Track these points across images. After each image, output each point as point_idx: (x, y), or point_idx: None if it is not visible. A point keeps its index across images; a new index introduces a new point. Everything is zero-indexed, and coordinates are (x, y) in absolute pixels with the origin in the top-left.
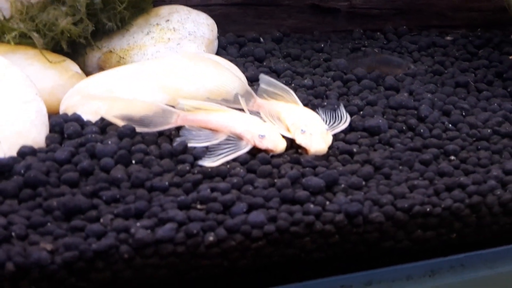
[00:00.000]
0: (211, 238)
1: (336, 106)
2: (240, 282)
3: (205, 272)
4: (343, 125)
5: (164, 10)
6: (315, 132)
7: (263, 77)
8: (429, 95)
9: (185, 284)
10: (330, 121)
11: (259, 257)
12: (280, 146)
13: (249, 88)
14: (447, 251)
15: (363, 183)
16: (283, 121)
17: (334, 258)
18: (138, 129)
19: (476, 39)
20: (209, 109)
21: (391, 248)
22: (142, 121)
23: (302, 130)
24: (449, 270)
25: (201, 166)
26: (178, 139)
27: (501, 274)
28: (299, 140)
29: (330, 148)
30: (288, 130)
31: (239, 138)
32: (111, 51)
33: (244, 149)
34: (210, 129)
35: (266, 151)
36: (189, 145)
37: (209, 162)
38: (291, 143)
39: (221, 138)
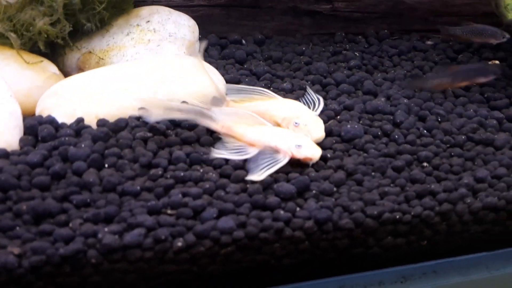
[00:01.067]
0: (179, 244)
1: (305, 92)
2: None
3: (174, 278)
4: (321, 106)
5: (145, 10)
6: (309, 121)
7: (229, 86)
8: (405, 100)
9: None
10: (309, 107)
11: (229, 263)
12: (317, 153)
13: (222, 92)
14: (418, 258)
15: (335, 189)
16: (269, 118)
17: (304, 264)
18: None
19: (456, 43)
20: (243, 121)
21: (362, 255)
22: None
23: (295, 123)
24: (421, 277)
25: (251, 181)
26: (215, 152)
27: (473, 281)
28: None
29: None
30: (278, 125)
31: (275, 151)
32: (90, 52)
33: (283, 160)
34: (244, 142)
35: (304, 160)
36: (225, 157)
37: (255, 176)
38: None
39: (254, 152)
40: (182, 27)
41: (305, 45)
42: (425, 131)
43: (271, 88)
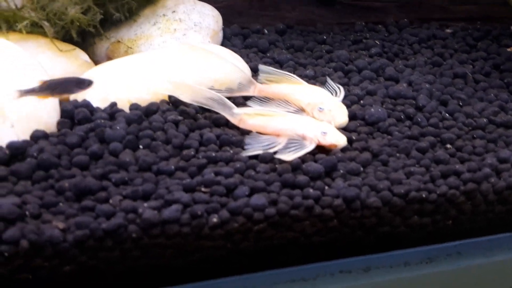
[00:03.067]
0: (214, 220)
1: (324, 80)
2: (242, 264)
3: (210, 254)
4: (342, 93)
5: (171, 1)
6: (333, 107)
7: (262, 67)
8: (427, 85)
9: (191, 265)
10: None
11: (261, 240)
12: (342, 140)
13: (248, 75)
14: (443, 238)
15: (361, 169)
16: (294, 102)
17: (333, 242)
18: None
19: (475, 31)
20: (265, 114)
21: (388, 234)
22: (212, 106)
23: (320, 108)
24: (446, 258)
25: (280, 160)
26: (247, 151)
27: (496, 262)
28: (320, 118)
29: None
30: (304, 110)
31: (302, 138)
32: (119, 41)
33: (310, 146)
34: (269, 134)
35: (329, 147)
36: (256, 152)
37: (285, 156)
38: None
39: (283, 141)
40: (207, 17)
41: (326, 34)
42: (447, 114)
43: (295, 75)
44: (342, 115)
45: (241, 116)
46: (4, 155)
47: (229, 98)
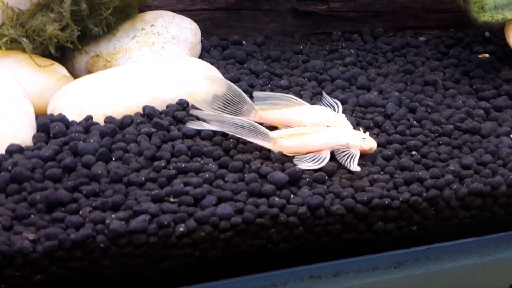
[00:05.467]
0: (181, 229)
1: (321, 97)
2: (211, 271)
3: (178, 262)
4: (340, 108)
5: (149, 15)
6: (338, 123)
7: (256, 93)
8: (396, 93)
9: (160, 273)
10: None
11: (228, 247)
12: (375, 143)
13: (249, 100)
14: (410, 243)
15: (326, 177)
16: (297, 124)
17: (300, 248)
18: (239, 136)
19: (448, 39)
20: (301, 134)
21: (354, 240)
22: (241, 134)
23: (327, 126)
24: (414, 262)
25: (351, 175)
26: (292, 167)
27: (464, 266)
28: None
29: None
30: None
31: (346, 147)
32: (98, 55)
33: (357, 153)
34: (310, 151)
35: (369, 151)
36: (311, 168)
37: (354, 168)
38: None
39: (327, 155)
40: (185, 30)
41: (303, 44)
42: (415, 121)
43: (269, 85)
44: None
45: (275, 140)
46: None
47: None
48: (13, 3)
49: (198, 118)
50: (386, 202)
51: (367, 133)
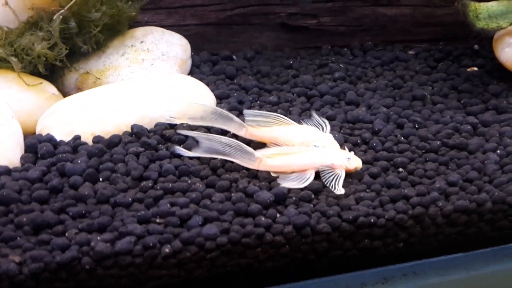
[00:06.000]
0: (166, 250)
1: (310, 115)
2: None
3: (164, 282)
4: (328, 128)
5: (139, 31)
6: (326, 143)
7: (246, 111)
8: (384, 109)
9: None
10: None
11: (215, 267)
12: (360, 163)
13: (237, 119)
14: (398, 260)
15: (313, 196)
16: (285, 142)
17: (287, 267)
18: (226, 158)
19: (437, 52)
20: (286, 153)
21: (341, 257)
22: (227, 153)
23: (315, 146)
24: (402, 278)
25: (337, 195)
26: (278, 186)
27: (452, 282)
28: None
29: None
30: None
31: (331, 167)
32: (87, 72)
33: (342, 173)
34: (295, 171)
35: (354, 170)
36: (292, 187)
37: (338, 191)
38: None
39: (311, 175)
40: (175, 46)
41: (293, 59)
42: (402, 137)
43: (258, 102)
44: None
45: (260, 159)
46: None
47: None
48: (2, 21)
49: (185, 138)
50: (372, 220)
51: (352, 152)
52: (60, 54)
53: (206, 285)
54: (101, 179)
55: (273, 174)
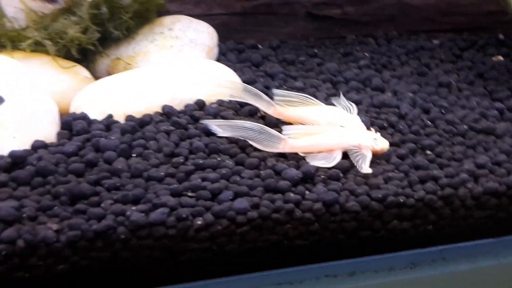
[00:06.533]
0: (199, 222)
1: (337, 98)
2: (228, 266)
3: (197, 255)
4: (355, 110)
5: (168, 19)
6: (353, 124)
7: (276, 91)
8: (411, 94)
9: (178, 267)
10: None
11: (245, 242)
12: (387, 144)
13: (267, 98)
14: (426, 243)
15: (341, 175)
16: (312, 122)
17: (316, 245)
18: (251, 143)
19: (462, 42)
20: (313, 133)
21: (370, 238)
22: (252, 138)
23: (340, 126)
24: (430, 263)
25: (365, 174)
26: (306, 165)
27: (480, 268)
28: None
29: None
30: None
31: (358, 148)
32: (118, 58)
33: (369, 153)
34: (322, 151)
35: (380, 151)
36: (324, 166)
37: (365, 170)
38: None
39: (338, 155)
40: (202, 33)
41: (318, 48)
42: (429, 122)
43: (284, 87)
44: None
45: (285, 141)
46: (5, 163)
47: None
48: (37, 7)
49: (213, 118)
50: (401, 200)
51: (379, 133)
52: (93, 38)
53: (236, 259)
54: (134, 155)
55: (300, 154)
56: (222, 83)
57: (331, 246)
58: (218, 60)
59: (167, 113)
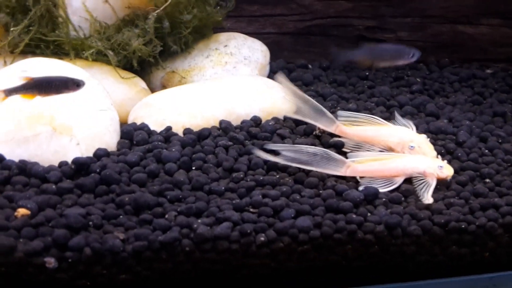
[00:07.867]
0: (262, 238)
1: (393, 120)
2: (284, 283)
3: (255, 271)
4: (414, 129)
5: (223, 36)
6: (421, 143)
7: (340, 112)
8: (467, 122)
9: (236, 282)
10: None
11: (304, 261)
12: (452, 171)
13: (330, 114)
14: (480, 270)
15: (403, 198)
16: (381, 143)
17: (373, 268)
18: (309, 168)
19: None
20: (378, 159)
21: (427, 263)
22: (310, 162)
23: (411, 146)
24: None
25: (425, 203)
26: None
27: None
28: None
29: None
30: (392, 149)
31: (423, 175)
32: (173, 71)
33: (433, 182)
34: (386, 176)
35: (445, 178)
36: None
37: (427, 200)
38: None
39: (399, 181)
40: (256, 51)
41: (369, 70)
42: (486, 150)
43: (338, 108)
44: (431, 151)
45: (350, 165)
46: (70, 170)
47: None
48: (101, 17)
49: (271, 136)
50: (463, 226)
51: (445, 160)
52: (155, 51)
53: (291, 277)
54: (194, 168)
55: (358, 179)
56: (289, 96)
57: (387, 269)
58: (269, 77)
59: (224, 128)
